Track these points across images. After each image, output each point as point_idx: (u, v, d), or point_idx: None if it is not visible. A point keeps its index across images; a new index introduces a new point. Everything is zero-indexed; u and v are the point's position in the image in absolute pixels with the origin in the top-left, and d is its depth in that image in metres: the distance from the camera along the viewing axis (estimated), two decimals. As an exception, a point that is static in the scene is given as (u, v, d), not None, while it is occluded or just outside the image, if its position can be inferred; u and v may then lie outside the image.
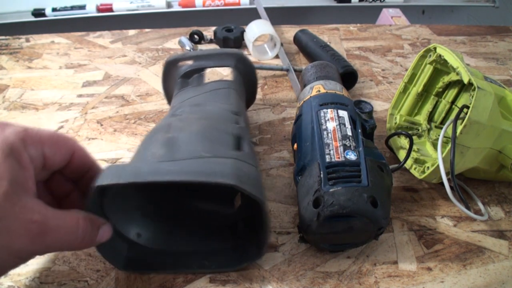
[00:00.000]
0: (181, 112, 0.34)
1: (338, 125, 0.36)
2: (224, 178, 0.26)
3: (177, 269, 0.32)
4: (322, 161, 0.33)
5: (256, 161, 0.31)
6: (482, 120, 0.34)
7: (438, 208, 0.38)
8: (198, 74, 0.41)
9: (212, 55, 0.41)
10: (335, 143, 0.34)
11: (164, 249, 0.32)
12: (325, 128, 0.35)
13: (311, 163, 0.34)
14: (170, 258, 0.32)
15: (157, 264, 0.32)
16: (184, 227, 0.34)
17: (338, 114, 0.37)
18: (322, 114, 0.37)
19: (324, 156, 0.33)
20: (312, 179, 0.32)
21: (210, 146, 0.29)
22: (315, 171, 0.32)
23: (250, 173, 0.28)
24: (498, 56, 0.63)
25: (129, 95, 0.53)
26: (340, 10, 1.48)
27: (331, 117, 0.36)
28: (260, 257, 0.31)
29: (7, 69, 0.58)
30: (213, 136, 0.31)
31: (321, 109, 0.37)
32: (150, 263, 0.32)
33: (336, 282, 0.32)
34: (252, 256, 0.31)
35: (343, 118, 0.36)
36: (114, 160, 0.43)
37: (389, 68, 0.60)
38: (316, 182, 0.32)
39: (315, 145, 0.34)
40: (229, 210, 0.34)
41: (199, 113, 0.34)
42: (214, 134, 0.31)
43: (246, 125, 0.36)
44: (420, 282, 0.32)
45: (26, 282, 0.32)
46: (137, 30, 0.68)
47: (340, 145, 0.34)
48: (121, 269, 0.31)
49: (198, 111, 0.34)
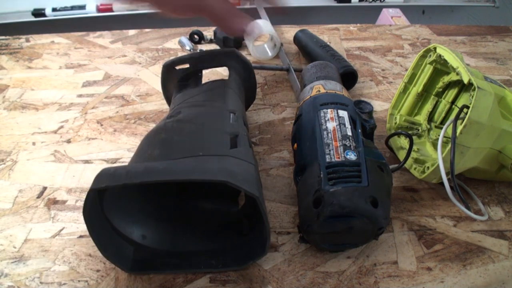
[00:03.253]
0: (178, 114, 0.35)
1: (338, 125, 0.36)
2: (215, 175, 0.26)
3: (184, 269, 0.32)
4: (322, 161, 0.33)
5: (252, 158, 0.31)
6: (482, 120, 0.34)
7: (438, 208, 0.38)
8: (196, 76, 0.42)
9: (207, 56, 0.42)
10: (335, 143, 0.34)
11: (170, 250, 0.32)
12: (325, 128, 0.35)
13: (311, 163, 0.34)
14: (176, 258, 0.32)
15: (163, 265, 0.32)
16: (189, 227, 0.34)
17: (338, 114, 0.37)
18: (322, 114, 0.37)
19: (324, 156, 0.33)
20: (312, 179, 0.32)
21: (206, 145, 0.30)
22: (315, 171, 0.32)
23: (245, 169, 0.28)
24: (498, 56, 0.63)
25: (129, 95, 0.53)
26: (340, 10, 1.48)
27: (331, 117, 0.36)
28: (264, 254, 0.31)
29: (7, 69, 0.58)
30: (208, 135, 0.31)
31: (321, 109, 0.37)
32: (156, 264, 0.32)
33: (336, 282, 0.32)
34: (257, 253, 0.31)
35: (343, 118, 0.36)
36: (114, 160, 0.43)
37: (389, 68, 0.60)
38: (316, 182, 0.32)
39: (315, 145, 0.34)
40: (233, 209, 0.34)
41: (195, 114, 0.34)
42: (209, 133, 0.31)
43: (245, 122, 0.36)
44: (420, 282, 0.32)
45: (26, 282, 0.32)
46: (137, 30, 0.68)
47: (340, 145, 0.34)
48: (128, 272, 0.31)
49: (194, 112, 0.35)
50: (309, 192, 0.32)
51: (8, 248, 0.34)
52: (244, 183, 0.27)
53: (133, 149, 0.45)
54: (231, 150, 0.30)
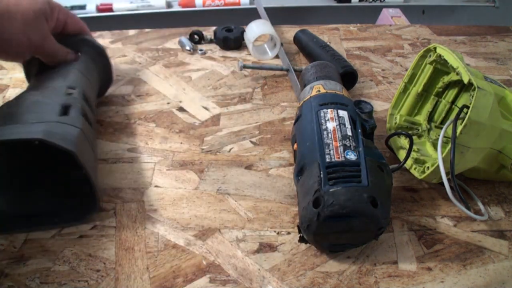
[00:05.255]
0: (23, 93, 0.39)
1: (338, 125, 0.36)
2: (30, 134, 0.31)
3: (29, 228, 0.36)
4: (322, 161, 0.33)
5: (81, 123, 0.36)
6: (482, 120, 0.34)
7: (438, 208, 0.38)
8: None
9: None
10: (335, 143, 0.34)
11: (17, 213, 0.37)
12: (325, 128, 0.35)
13: (311, 163, 0.34)
14: (23, 220, 0.36)
15: (11, 226, 0.36)
16: (35, 192, 0.38)
17: (338, 114, 0.37)
18: (322, 114, 0.37)
19: (324, 156, 0.33)
20: (312, 179, 0.32)
21: (37, 115, 0.35)
22: (315, 171, 0.32)
23: (67, 131, 0.34)
24: (498, 56, 0.63)
25: (129, 95, 0.53)
26: (340, 10, 1.48)
27: (331, 117, 0.36)
28: (96, 209, 0.36)
29: (7, 69, 0.58)
30: (42, 106, 0.36)
31: (321, 109, 0.37)
32: (4, 226, 0.35)
33: (336, 282, 0.32)
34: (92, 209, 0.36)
35: (343, 118, 0.36)
36: (114, 160, 0.43)
37: (389, 68, 0.60)
38: (316, 182, 0.32)
39: (315, 145, 0.34)
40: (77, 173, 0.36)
41: (35, 91, 0.40)
42: (43, 105, 0.36)
43: (86, 96, 0.42)
44: (420, 282, 0.32)
45: (26, 282, 0.32)
46: (137, 30, 0.68)
47: (340, 145, 0.34)
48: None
49: (36, 89, 0.40)
50: (309, 192, 0.32)
51: (8, 248, 0.34)
52: (60, 140, 0.31)
53: (133, 149, 0.45)
54: (60, 117, 0.35)
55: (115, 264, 0.33)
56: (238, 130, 0.47)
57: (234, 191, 0.40)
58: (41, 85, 0.41)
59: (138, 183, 0.41)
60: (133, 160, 0.43)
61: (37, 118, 0.34)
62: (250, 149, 0.45)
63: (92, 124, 0.40)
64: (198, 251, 0.34)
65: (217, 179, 0.41)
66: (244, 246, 0.35)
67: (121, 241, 0.35)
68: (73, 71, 0.43)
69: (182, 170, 0.42)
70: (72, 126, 0.35)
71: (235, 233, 0.36)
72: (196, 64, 0.60)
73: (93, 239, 0.35)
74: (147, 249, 0.34)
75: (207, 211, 0.38)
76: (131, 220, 0.37)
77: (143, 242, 0.35)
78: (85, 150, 0.35)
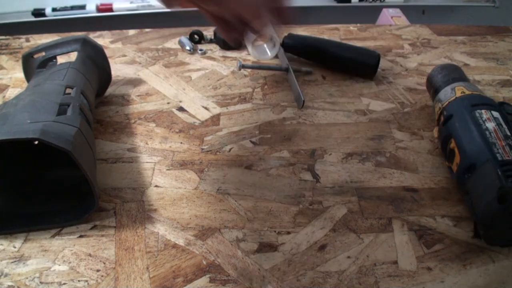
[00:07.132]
0: (21, 93, 0.39)
1: (496, 125, 0.37)
2: (26, 134, 0.31)
3: (29, 227, 0.36)
4: (495, 160, 0.34)
5: (78, 123, 0.36)
6: None
7: (438, 208, 0.38)
8: (51, 62, 0.47)
9: (60, 43, 0.48)
10: (500, 142, 0.35)
11: (18, 212, 0.37)
12: (486, 128, 0.37)
13: (482, 161, 0.35)
14: (23, 219, 0.36)
15: (11, 225, 0.36)
16: (36, 192, 0.38)
17: (493, 115, 0.38)
18: (477, 114, 0.38)
19: (495, 155, 0.34)
20: (489, 177, 0.33)
21: (34, 115, 0.35)
22: (490, 169, 0.34)
23: (63, 130, 0.34)
24: (498, 56, 0.63)
25: (129, 95, 0.53)
26: (340, 10, 1.48)
27: (487, 118, 0.38)
28: (95, 206, 0.36)
29: (7, 69, 0.58)
30: (39, 106, 0.36)
31: (475, 110, 0.39)
32: (4, 225, 0.35)
33: (336, 282, 0.32)
34: (91, 207, 0.36)
35: (498, 119, 0.38)
36: (114, 160, 0.43)
37: (389, 68, 0.60)
38: (496, 179, 0.33)
39: (481, 144, 0.36)
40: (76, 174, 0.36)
41: (33, 90, 0.40)
42: (40, 105, 0.36)
43: (86, 95, 0.42)
44: (420, 282, 0.32)
45: (26, 282, 0.32)
46: (137, 30, 0.68)
47: (505, 144, 0.35)
48: None
49: (33, 89, 0.40)
50: (488, 189, 0.33)
51: (8, 248, 0.34)
52: (56, 139, 0.32)
53: (133, 149, 0.45)
54: (58, 116, 0.35)
55: (115, 264, 0.33)
56: (238, 130, 0.47)
57: (234, 191, 0.40)
58: (39, 85, 0.41)
59: (138, 183, 0.41)
60: (133, 160, 0.43)
61: (34, 118, 0.34)
62: (250, 149, 0.45)
63: (90, 123, 0.40)
64: (198, 251, 0.34)
65: (217, 179, 0.41)
66: (244, 246, 0.35)
67: (121, 241, 0.35)
68: (71, 71, 0.44)
69: (182, 170, 0.42)
70: (70, 125, 0.35)
71: (235, 233, 0.36)
72: (196, 64, 0.60)
73: (93, 239, 0.35)
74: (147, 249, 0.34)
75: (207, 211, 0.38)
76: (131, 220, 0.37)
77: (143, 242, 0.35)
78: (83, 148, 0.35)
